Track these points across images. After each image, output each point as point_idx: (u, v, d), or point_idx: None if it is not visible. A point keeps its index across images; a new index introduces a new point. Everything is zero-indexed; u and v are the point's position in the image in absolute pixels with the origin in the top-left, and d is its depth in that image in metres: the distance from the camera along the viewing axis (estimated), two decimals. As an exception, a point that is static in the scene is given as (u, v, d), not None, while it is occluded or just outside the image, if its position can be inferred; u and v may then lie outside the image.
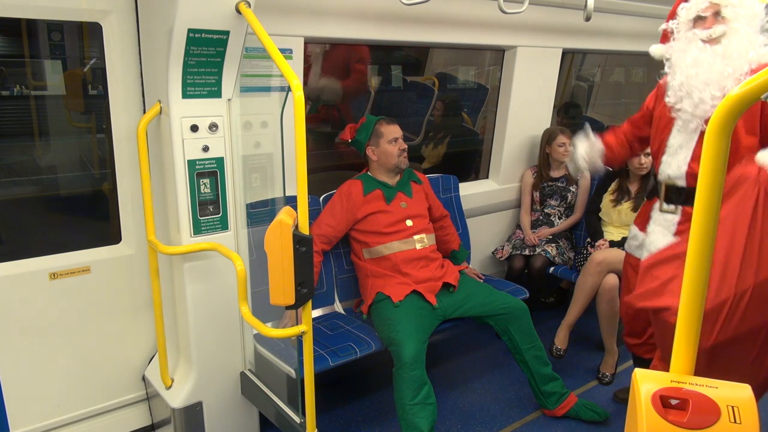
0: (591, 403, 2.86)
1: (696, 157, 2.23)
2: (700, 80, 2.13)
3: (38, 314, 2.31)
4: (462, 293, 2.81)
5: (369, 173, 2.94)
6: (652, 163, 3.32)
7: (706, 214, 1.02)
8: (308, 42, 2.68)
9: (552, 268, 3.56)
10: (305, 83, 3.39)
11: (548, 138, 3.73)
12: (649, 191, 2.73)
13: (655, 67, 2.45)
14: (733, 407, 1.02)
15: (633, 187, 3.42)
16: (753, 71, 2.06)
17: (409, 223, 2.84)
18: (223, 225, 2.32)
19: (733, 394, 1.05)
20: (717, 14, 2.15)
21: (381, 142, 2.84)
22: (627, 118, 2.72)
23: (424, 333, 2.56)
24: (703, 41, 2.16)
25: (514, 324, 2.75)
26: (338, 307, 2.95)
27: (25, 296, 2.27)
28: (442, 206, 3.16)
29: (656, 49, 2.35)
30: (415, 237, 2.84)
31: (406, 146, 2.89)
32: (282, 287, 1.80)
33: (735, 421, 1.00)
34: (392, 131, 2.85)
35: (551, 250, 3.56)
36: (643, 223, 2.58)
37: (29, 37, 2.36)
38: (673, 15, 2.32)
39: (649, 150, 3.25)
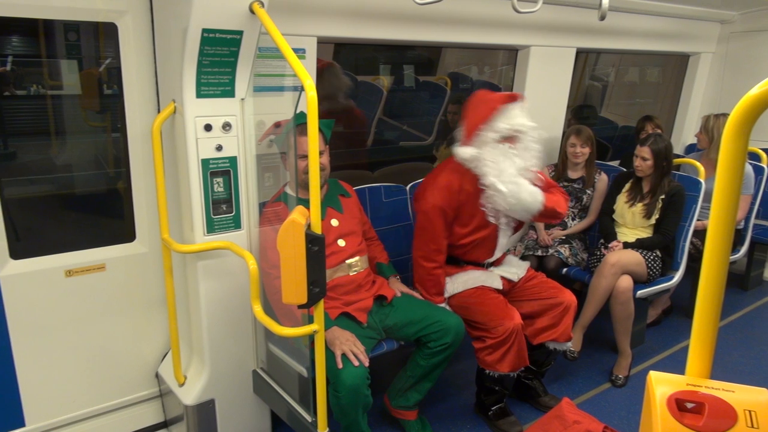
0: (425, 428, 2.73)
1: None
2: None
3: (54, 311, 2.34)
4: (401, 313, 2.55)
5: (287, 190, 2.49)
6: (655, 165, 3.30)
7: (724, 215, 1.00)
8: (321, 42, 2.69)
9: (565, 269, 3.53)
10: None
11: (566, 137, 3.69)
12: None
13: (670, 67, 2.43)
14: (750, 411, 1.00)
15: (645, 188, 3.38)
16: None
17: (341, 243, 2.50)
18: (236, 224, 2.34)
19: (750, 398, 1.03)
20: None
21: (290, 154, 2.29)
22: None
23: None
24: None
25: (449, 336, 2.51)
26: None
27: (41, 293, 2.29)
28: (369, 222, 2.83)
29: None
30: (349, 261, 2.51)
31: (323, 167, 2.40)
32: (294, 286, 1.80)
33: (752, 426, 0.99)
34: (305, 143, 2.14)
35: (564, 251, 3.53)
36: None
37: (46, 37, 2.39)
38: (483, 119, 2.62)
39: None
